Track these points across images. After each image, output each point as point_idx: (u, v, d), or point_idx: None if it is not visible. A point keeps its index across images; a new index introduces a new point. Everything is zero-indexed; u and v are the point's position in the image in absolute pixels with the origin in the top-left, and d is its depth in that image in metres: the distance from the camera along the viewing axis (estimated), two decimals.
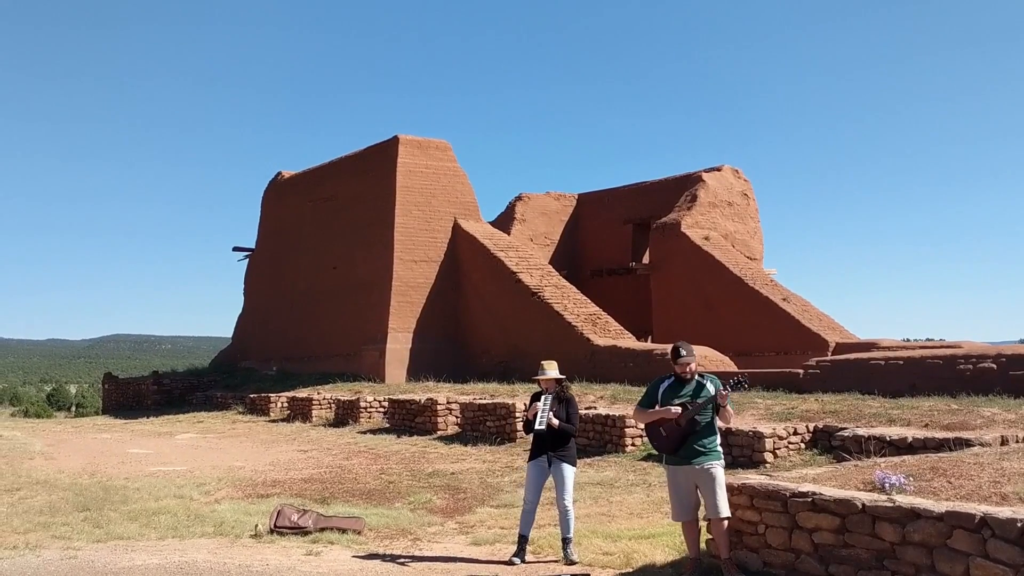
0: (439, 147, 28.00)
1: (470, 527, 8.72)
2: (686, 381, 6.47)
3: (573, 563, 6.90)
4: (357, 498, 10.52)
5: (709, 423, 6.35)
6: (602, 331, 23.10)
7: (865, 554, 5.35)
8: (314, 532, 8.14)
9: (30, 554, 7.67)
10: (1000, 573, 4.64)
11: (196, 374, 33.95)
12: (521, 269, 25.63)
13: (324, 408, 21.60)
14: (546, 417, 7.14)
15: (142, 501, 10.23)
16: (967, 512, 4.87)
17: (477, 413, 16.57)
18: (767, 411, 13.68)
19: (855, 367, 15.91)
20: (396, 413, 18.90)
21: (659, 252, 28.90)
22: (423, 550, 7.70)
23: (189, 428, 21.86)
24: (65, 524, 8.88)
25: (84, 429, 23.36)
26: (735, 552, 6.12)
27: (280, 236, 32.91)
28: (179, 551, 7.72)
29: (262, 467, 13.75)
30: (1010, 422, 11.15)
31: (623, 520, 8.74)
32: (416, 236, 26.90)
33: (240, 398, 25.86)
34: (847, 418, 12.45)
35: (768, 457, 11.53)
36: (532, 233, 33.71)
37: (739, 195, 30.49)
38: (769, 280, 27.02)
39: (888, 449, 10.03)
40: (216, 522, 8.87)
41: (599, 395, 17.23)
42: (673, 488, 6.45)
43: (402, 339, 26.18)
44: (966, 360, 14.51)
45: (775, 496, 5.90)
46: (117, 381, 35.10)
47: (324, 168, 31.29)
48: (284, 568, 7.05)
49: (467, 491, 10.92)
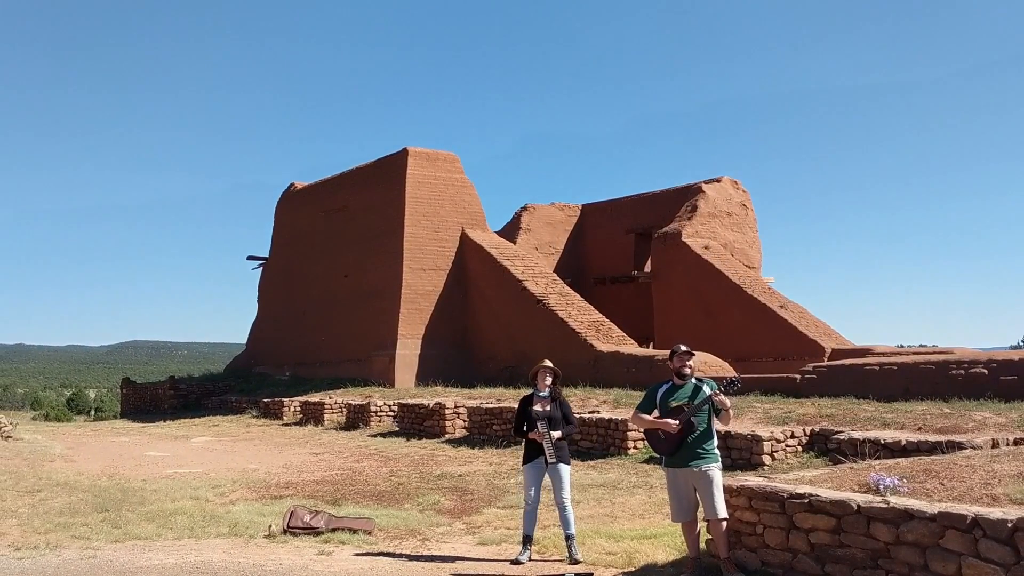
0: (447, 159, 28.28)
1: (477, 527, 8.80)
2: (683, 384, 6.55)
3: (577, 562, 6.97)
4: (367, 499, 10.61)
5: (707, 427, 6.42)
6: (605, 337, 23.29)
7: (860, 554, 5.41)
8: (326, 532, 8.21)
9: (51, 553, 7.73)
10: (991, 572, 4.71)
11: (211, 379, 34.19)
12: (527, 277, 25.82)
13: (335, 412, 21.77)
14: (552, 442, 7.28)
15: (159, 502, 10.31)
16: (959, 513, 4.95)
17: (484, 417, 16.73)
18: (765, 415, 13.79)
19: (850, 372, 15.99)
20: (405, 417, 19.08)
21: (660, 261, 29.05)
22: (431, 550, 7.78)
23: (205, 431, 21.97)
24: (84, 524, 8.95)
25: (103, 432, 23.43)
26: (734, 552, 6.19)
27: (293, 245, 33.19)
28: (195, 551, 7.79)
29: (275, 469, 13.85)
30: (1001, 426, 11.22)
31: (625, 521, 8.83)
32: (425, 245, 27.14)
33: (254, 402, 25.98)
34: (843, 422, 12.55)
35: (766, 459, 11.65)
36: (537, 242, 33.89)
37: (738, 206, 30.65)
38: (767, 288, 27.17)
39: (882, 452, 10.15)
40: (231, 523, 8.94)
41: (602, 399, 17.37)
42: (672, 490, 6.54)
43: (411, 345, 26.41)
44: (958, 365, 14.56)
45: (773, 497, 5.97)
46: (135, 386, 35.34)
47: (336, 179, 31.58)
48: (297, 567, 7.11)
49: (474, 492, 11.01)
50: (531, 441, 7.43)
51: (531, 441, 7.43)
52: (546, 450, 7.28)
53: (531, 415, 7.44)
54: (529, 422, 7.46)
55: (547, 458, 7.29)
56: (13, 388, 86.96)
